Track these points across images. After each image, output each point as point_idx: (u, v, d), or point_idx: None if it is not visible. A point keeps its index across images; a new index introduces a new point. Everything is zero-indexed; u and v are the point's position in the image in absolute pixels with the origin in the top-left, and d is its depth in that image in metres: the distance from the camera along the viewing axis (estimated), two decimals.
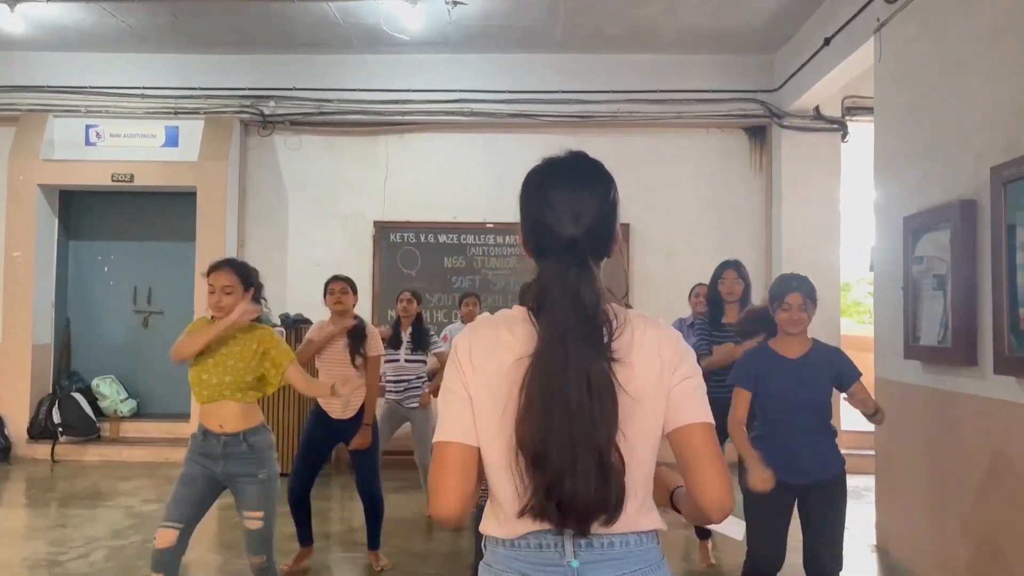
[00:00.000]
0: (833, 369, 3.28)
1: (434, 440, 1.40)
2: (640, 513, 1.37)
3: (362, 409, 4.65)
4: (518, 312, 1.43)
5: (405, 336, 5.76)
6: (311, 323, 7.47)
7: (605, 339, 1.34)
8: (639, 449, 1.36)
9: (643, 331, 1.40)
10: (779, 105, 7.93)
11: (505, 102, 8.17)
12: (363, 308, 8.34)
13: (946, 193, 4.28)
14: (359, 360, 4.60)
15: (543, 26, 7.46)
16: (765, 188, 8.25)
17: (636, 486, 1.36)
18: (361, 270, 8.43)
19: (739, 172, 8.33)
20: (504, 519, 1.38)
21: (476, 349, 1.40)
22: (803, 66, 7.31)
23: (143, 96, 8.26)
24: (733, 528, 1.50)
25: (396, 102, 8.26)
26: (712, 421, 1.40)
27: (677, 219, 8.30)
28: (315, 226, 8.51)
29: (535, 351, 1.33)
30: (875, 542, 5.24)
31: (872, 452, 5.35)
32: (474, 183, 8.45)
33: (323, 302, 4.84)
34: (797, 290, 3.25)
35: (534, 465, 1.29)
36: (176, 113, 8.31)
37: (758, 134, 8.31)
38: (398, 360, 5.73)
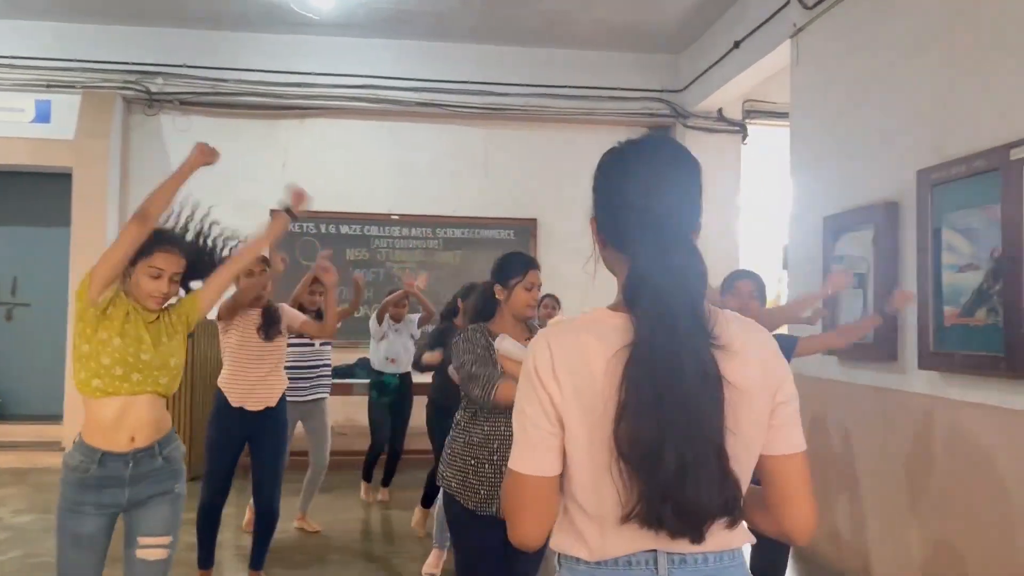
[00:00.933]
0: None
1: (509, 466, 1.27)
2: (732, 530, 1.26)
3: (282, 400, 4.24)
4: (598, 313, 1.28)
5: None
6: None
7: (711, 330, 1.21)
8: (744, 450, 1.24)
9: (749, 328, 1.30)
10: (684, 105, 8.09)
11: (414, 90, 7.93)
12: None
13: (868, 194, 4.44)
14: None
15: (458, 14, 7.28)
16: None
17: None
18: None
19: None
20: (591, 537, 1.24)
21: (559, 360, 1.23)
22: (710, 68, 7.48)
23: (12, 67, 7.49)
24: None
25: (298, 85, 7.87)
26: (805, 447, 1.32)
27: (583, 215, 8.29)
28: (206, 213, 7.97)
29: (636, 340, 1.18)
30: None
31: None
32: (379, 172, 8.18)
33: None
34: (746, 278, 3.45)
35: (645, 466, 1.15)
36: (49, 86, 7.58)
37: (663, 133, 8.44)
38: (313, 345, 5.40)
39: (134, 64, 7.66)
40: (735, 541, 1.28)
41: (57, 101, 7.61)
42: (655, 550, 1.24)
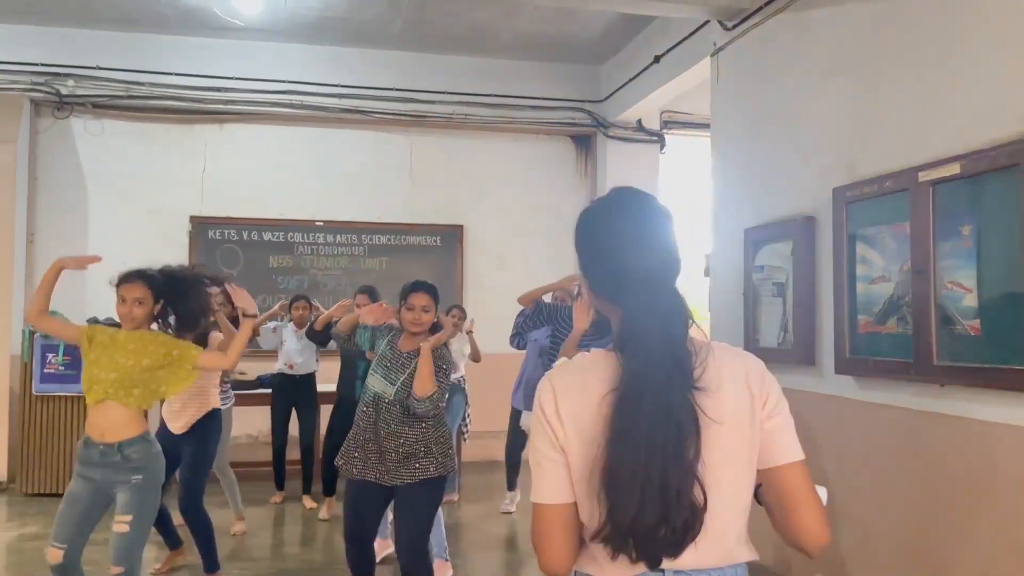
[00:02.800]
0: None
1: (533, 500, 1.40)
2: (736, 544, 1.37)
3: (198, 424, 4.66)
4: (599, 354, 1.41)
5: None
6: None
7: (690, 371, 1.32)
8: (728, 478, 1.34)
9: (728, 360, 1.40)
10: (604, 115, 8.32)
11: (337, 96, 7.88)
12: None
13: (787, 208, 4.71)
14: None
15: (382, 21, 7.28)
16: (590, 193, 8.60)
17: (726, 515, 1.35)
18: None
19: (567, 177, 8.63)
20: (603, 560, 1.35)
21: (562, 399, 1.37)
22: (630, 80, 7.72)
23: None
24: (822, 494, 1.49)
25: (217, 89, 7.70)
26: (804, 456, 1.42)
27: (508, 221, 8.45)
28: (121, 220, 7.74)
29: (616, 387, 1.31)
30: None
31: None
32: (302, 178, 8.09)
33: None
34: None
35: (604, 490, 1.29)
36: None
37: (584, 142, 8.65)
38: None
39: (43, 65, 7.34)
40: (738, 556, 1.38)
41: None
42: (663, 570, 1.33)
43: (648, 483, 1.26)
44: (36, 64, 7.32)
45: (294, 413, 6.64)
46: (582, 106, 8.38)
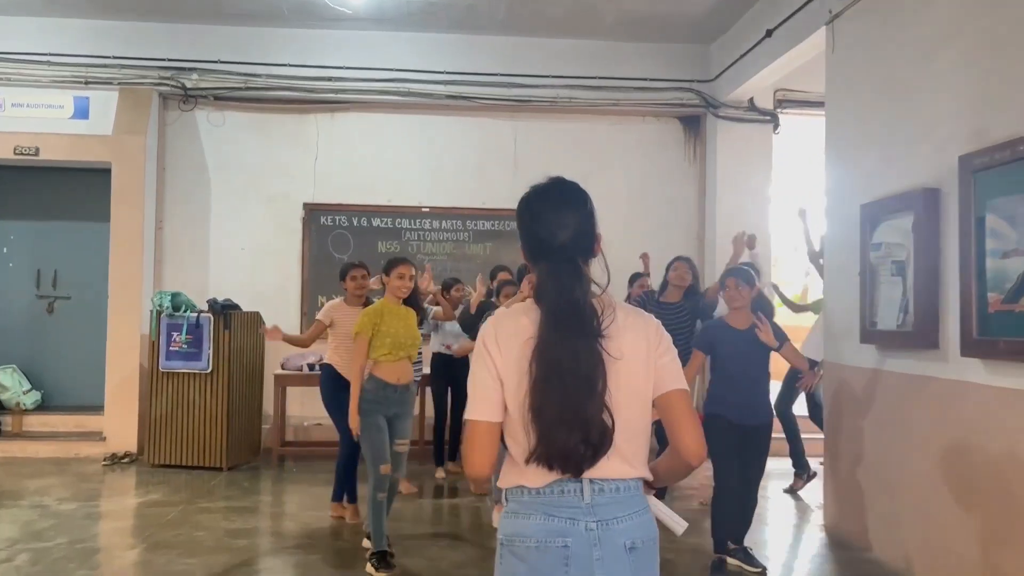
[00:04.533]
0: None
1: (466, 417, 1.71)
2: (633, 465, 1.72)
3: None
4: (531, 304, 1.74)
5: None
6: (239, 308, 7.13)
7: (594, 322, 1.67)
8: (629, 409, 1.70)
9: (629, 316, 1.76)
10: (714, 95, 8.05)
11: (443, 83, 7.97)
12: (292, 293, 8.03)
13: (907, 181, 4.40)
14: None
15: (486, 6, 7.30)
16: (699, 177, 8.36)
17: (628, 440, 1.70)
18: (289, 254, 8.12)
19: (674, 161, 8.41)
20: (531, 471, 1.68)
21: (501, 335, 1.72)
22: (742, 57, 7.44)
23: (50, 63, 7.63)
24: (677, 522, 1.81)
25: (328, 79, 7.93)
26: (687, 388, 1.78)
27: (612, 208, 8.27)
28: (240, 207, 8.09)
29: (537, 334, 1.66)
30: (823, 523, 5.40)
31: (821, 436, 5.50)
32: (409, 165, 8.22)
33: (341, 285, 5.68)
34: (733, 276, 4.45)
35: (534, 421, 1.63)
36: (87, 83, 7.71)
37: (693, 124, 8.41)
38: None
39: (169, 60, 7.76)
40: (636, 473, 1.72)
41: (95, 97, 7.74)
42: (581, 480, 1.67)
43: (569, 412, 1.61)
44: (163, 59, 7.74)
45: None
46: (691, 86, 8.15)
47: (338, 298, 5.48)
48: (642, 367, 1.72)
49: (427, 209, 8.22)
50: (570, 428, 1.61)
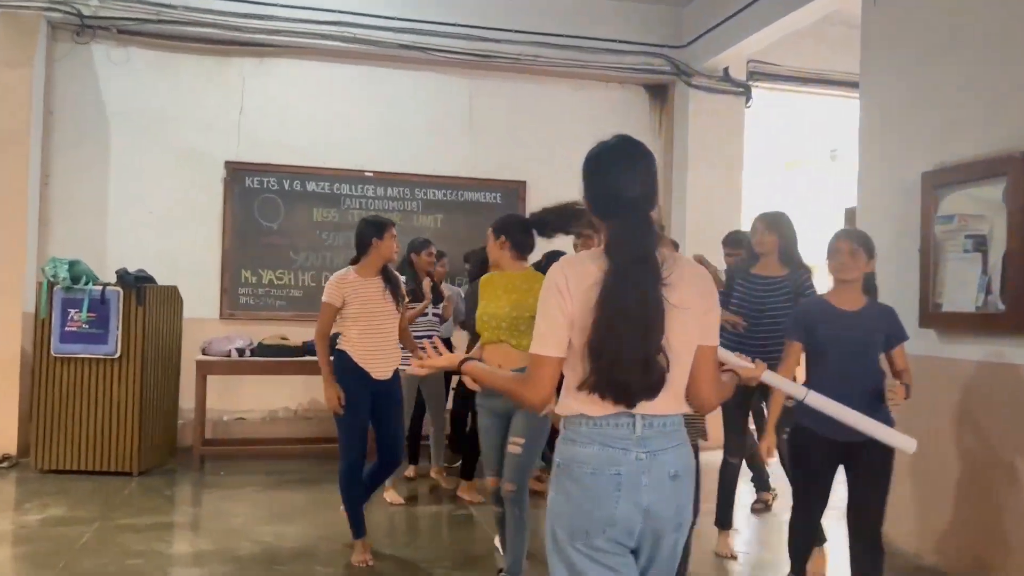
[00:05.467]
0: (885, 324, 3.26)
1: (537, 352, 1.85)
2: (679, 402, 1.90)
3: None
4: (596, 251, 1.87)
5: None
6: (155, 282, 5.97)
7: (659, 273, 1.81)
8: (681, 353, 1.86)
9: (687, 268, 1.90)
10: (686, 62, 7.50)
11: (393, 30, 7.00)
12: (210, 266, 6.89)
13: (990, 144, 3.94)
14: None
15: None
16: (664, 151, 7.81)
17: (678, 380, 1.86)
18: (208, 220, 6.96)
19: (639, 132, 7.59)
20: (590, 402, 1.82)
21: (571, 279, 1.83)
22: (719, 24, 6.94)
23: None
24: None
25: (257, 16, 6.79)
26: (717, 343, 1.98)
27: (574, 180, 7.59)
28: (147, 163, 6.84)
29: (606, 277, 1.80)
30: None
31: None
32: (351, 123, 7.22)
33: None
34: (846, 238, 3.26)
35: (597, 358, 1.78)
36: None
37: (659, 93, 7.84)
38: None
39: None
40: (681, 409, 1.90)
41: None
42: (633, 415, 1.82)
43: (630, 353, 1.76)
44: None
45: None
46: (661, 51, 7.56)
47: (345, 269, 4.15)
48: (694, 317, 1.87)
49: (371, 174, 7.25)
50: (630, 367, 1.76)
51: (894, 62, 4.70)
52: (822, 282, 3.99)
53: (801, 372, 3.44)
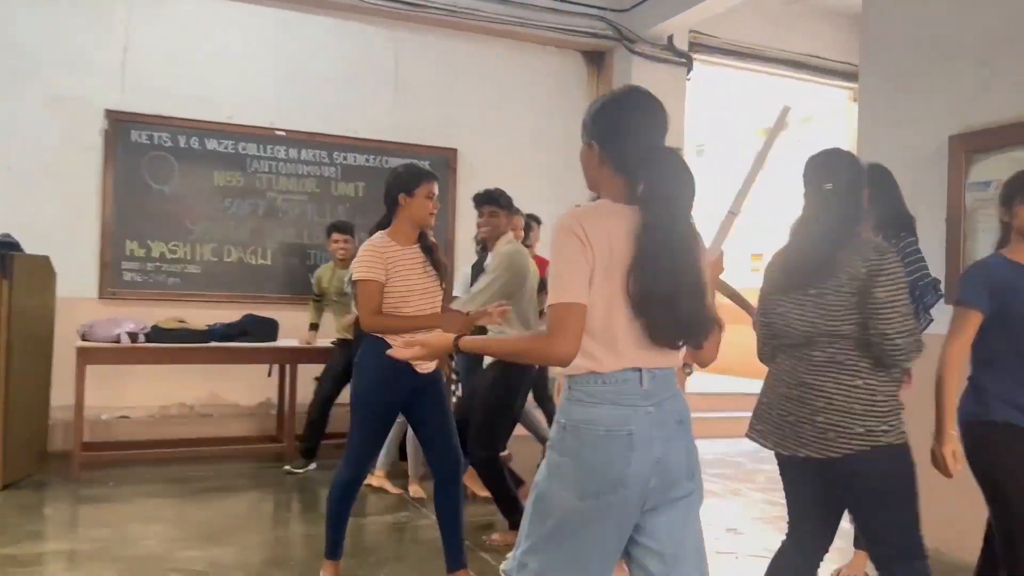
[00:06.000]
0: None
1: (563, 300, 1.72)
2: (676, 353, 1.87)
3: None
4: (611, 204, 1.81)
5: None
6: (21, 249, 4.83)
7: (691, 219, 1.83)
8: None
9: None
10: (630, 28, 7.02)
11: None
12: (87, 235, 5.78)
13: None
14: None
15: None
16: None
17: None
18: (85, 179, 5.82)
19: (576, 101, 7.24)
20: (603, 355, 1.76)
21: (589, 228, 1.73)
22: None
23: None
24: None
25: None
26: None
27: (507, 148, 6.98)
28: (9, 110, 5.60)
29: (649, 225, 1.74)
30: None
31: None
32: (259, 73, 6.26)
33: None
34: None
35: (652, 304, 1.73)
36: None
37: (597, 60, 7.33)
38: None
39: None
40: (678, 361, 1.88)
41: None
42: (639, 368, 1.78)
43: (680, 299, 1.75)
44: None
45: None
46: (603, 14, 7.04)
47: (380, 234, 3.12)
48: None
49: (282, 133, 6.30)
50: (692, 311, 1.77)
51: (909, 14, 4.35)
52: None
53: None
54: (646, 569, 1.80)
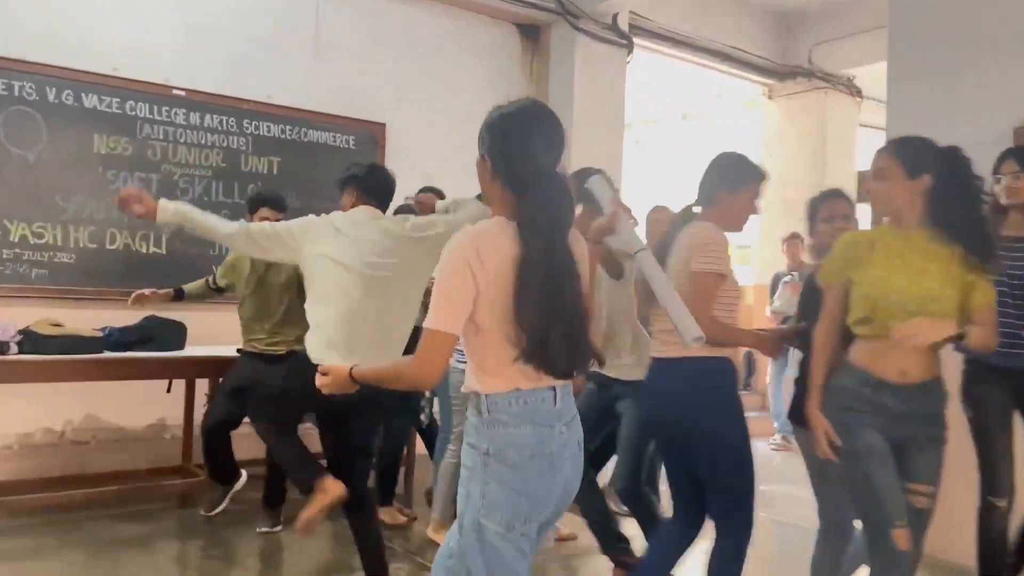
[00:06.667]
0: None
1: (433, 327, 1.70)
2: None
3: None
4: (503, 222, 1.76)
5: None
6: None
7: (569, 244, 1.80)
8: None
9: (578, 240, 1.88)
10: (572, 2, 6.44)
11: None
12: None
13: None
14: None
15: None
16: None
17: None
18: None
19: (507, 77, 6.58)
20: (522, 376, 1.74)
21: (483, 252, 1.70)
22: None
23: None
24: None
25: None
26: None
27: (439, 125, 6.17)
28: None
29: (525, 253, 1.71)
30: None
31: None
32: (153, 18, 5.07)
33: None
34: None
35: (533, 335, 1.70)
36: None
37: (532, 34, 6.69)
38: None
39: None
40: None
41: None
42: (554, 387, 1.78)
43: (564, 318, 1.72)
44: None
45: None
46: None
47: (711, 225, 2.61)
48: (584, 271, 1.86)
49: (181, 92, 5.14)
50: (565, 343, 1.72)
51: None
52: None
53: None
54: None
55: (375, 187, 3.00)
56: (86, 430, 4.85)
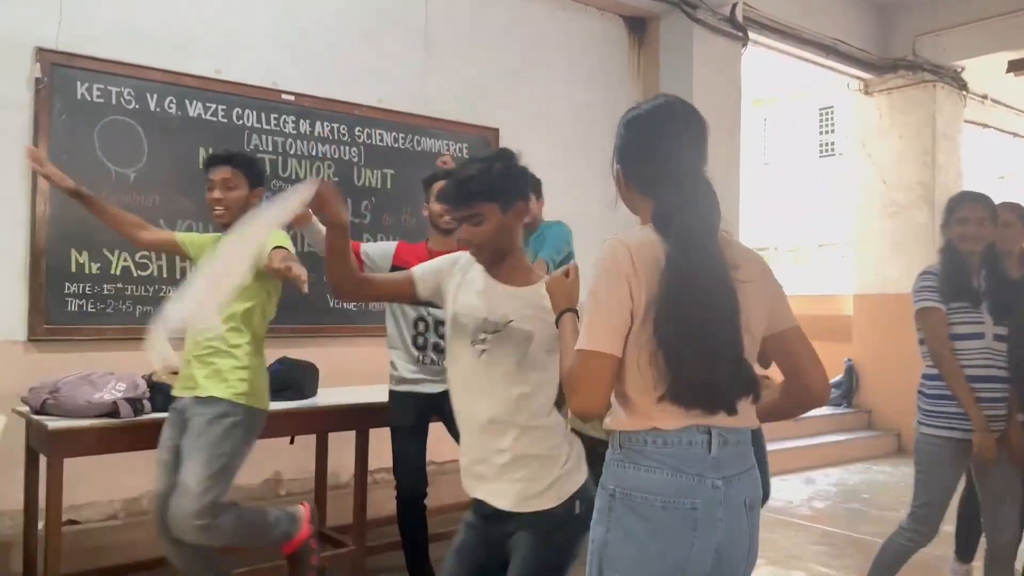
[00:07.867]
0: None
1: (588, 347, 1.48)
2: (752, 411, 1.59)
3: None
4: (650, 230, 1.57)
5: None
6: None
7: (724, 251, 1.57)
8: (752, 342, 1.58)
9: (740, 247, 1.65)
10: None
11: None
12: (11, 244, 3.73)
13: None
14: None
15: None
16: (641, 97, 6.08)
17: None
18: (4, 153, 3.72)
19: (614, 72, 6.00)
20: (664, 413, 1.50)
21: (640, 261, 1.51)
22: None
23: None
24: None
25: None
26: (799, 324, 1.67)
27: (549, 130, 5.58)
28: None
29: (669, 260, 1.51)
30: None
31: None
32: (256, 16, 4.40)
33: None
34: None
35: (671, 355, 1.47)
36: None
37: (638, 27, 6.11)
38: None
39: None
40: (753, 423, 1.59)
41: None
42: (709, 429, 1.51)
43: (711, 343, 1.48)
44: None
45: None
46: None
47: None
48: (760, 295, 1.61)
49: (290, 97, 4.48)
50: (713, 360, 1.48)
51: None
52: None
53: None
54: None
55: None
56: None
